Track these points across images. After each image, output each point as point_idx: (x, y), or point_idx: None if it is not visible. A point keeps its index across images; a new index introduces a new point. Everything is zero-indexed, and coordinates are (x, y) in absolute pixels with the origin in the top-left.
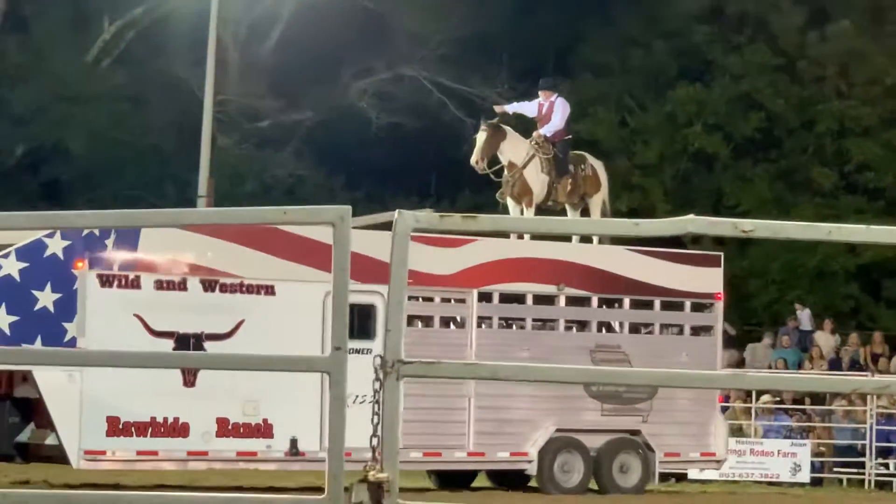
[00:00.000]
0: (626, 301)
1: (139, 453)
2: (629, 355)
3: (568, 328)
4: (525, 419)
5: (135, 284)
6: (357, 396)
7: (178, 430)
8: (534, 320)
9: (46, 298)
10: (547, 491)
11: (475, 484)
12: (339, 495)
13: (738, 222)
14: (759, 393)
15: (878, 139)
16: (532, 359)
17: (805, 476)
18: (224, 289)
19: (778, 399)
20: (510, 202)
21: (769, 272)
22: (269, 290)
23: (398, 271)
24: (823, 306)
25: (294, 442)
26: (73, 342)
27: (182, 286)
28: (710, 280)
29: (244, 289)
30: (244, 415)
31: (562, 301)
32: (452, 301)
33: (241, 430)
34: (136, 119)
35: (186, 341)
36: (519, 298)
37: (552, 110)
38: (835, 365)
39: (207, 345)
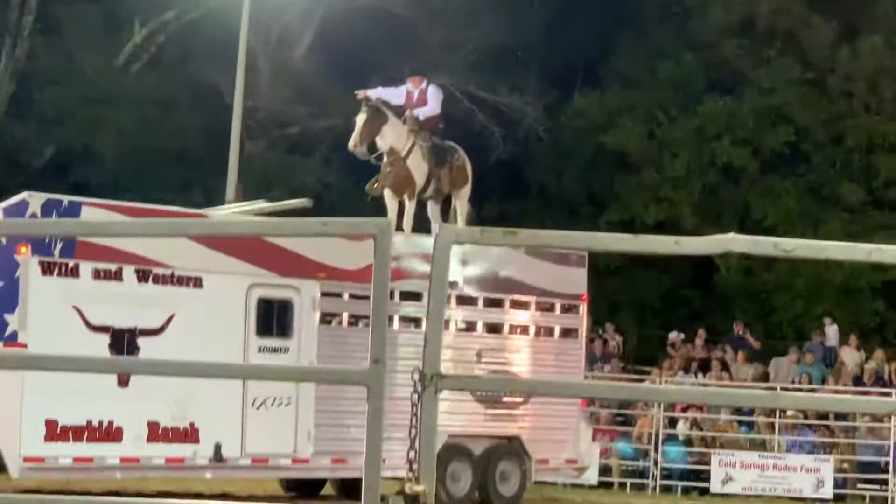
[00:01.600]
0: (508, 302)
1: (76, 460)
2: (509, 359)
3: (458, 329)
4: None
5: (74, 273)
6: (274, 399)
7: (112, 434)
8: None
9: None
10: (440, 501)
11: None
12: None
13: (779, 241)
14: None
15: None
16: None
17: (828, 492)
18: (157, 280)
19: (802, 414)
20: (388, 193)
21: (795, 287)
22: (197, 283)
23: (438, 286)
24: (849, 322)
25: (218, 447)
26: (14, 336)
27: (118, 276)
28: (577, 280)
29: (175, 280)
30: (173, 418)
31: (453, 301)
32: (358, 298)
33: (170, 435)
34: (166, 123)
35: (121, 337)
36: (417, 296)
37: (425, 96)
38: (859, 381)
39: (141, 341)
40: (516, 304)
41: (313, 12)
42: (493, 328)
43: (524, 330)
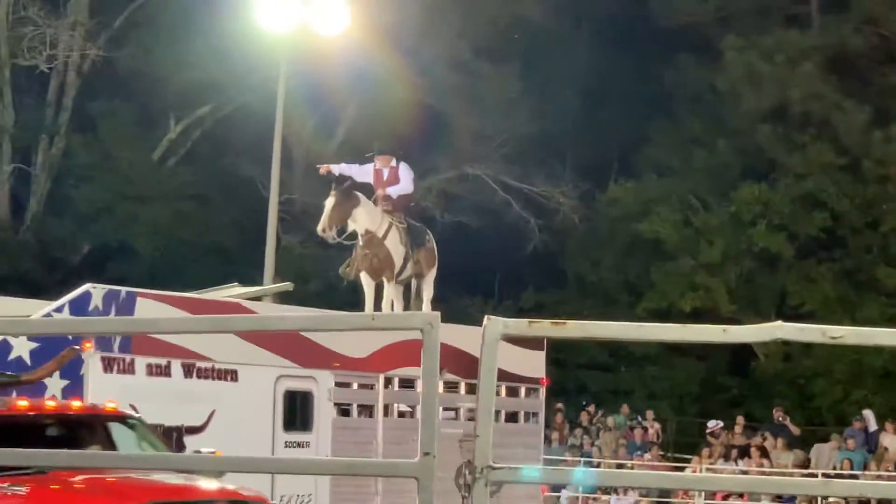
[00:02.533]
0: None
1: None
2: None
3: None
4: None
5: (130, 369)
6: (298, 496)
7: None
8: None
9: (55, 386)
10: None
11: None
12: None
13: (827, 329)
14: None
15: None
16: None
17: None
18: (200, 374)
19: (843, 500)
20: (365, 277)
21: (834, 372)
22: (234, 376)
23: (487, 378)
24: (889, 407)
25: None
26: None
27: (167, 371)
28: (538, 363)
29: (215, 374)
30: None
31: (440, 387)
32: (365, 387)
33: None
34: (201, 217)
35: (170, 435)
36: (410, 384)
37: (397, 174)
38: None
39: (187, 439)
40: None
41: (347, 105)
42: (472, 413)
43: (496, 415)
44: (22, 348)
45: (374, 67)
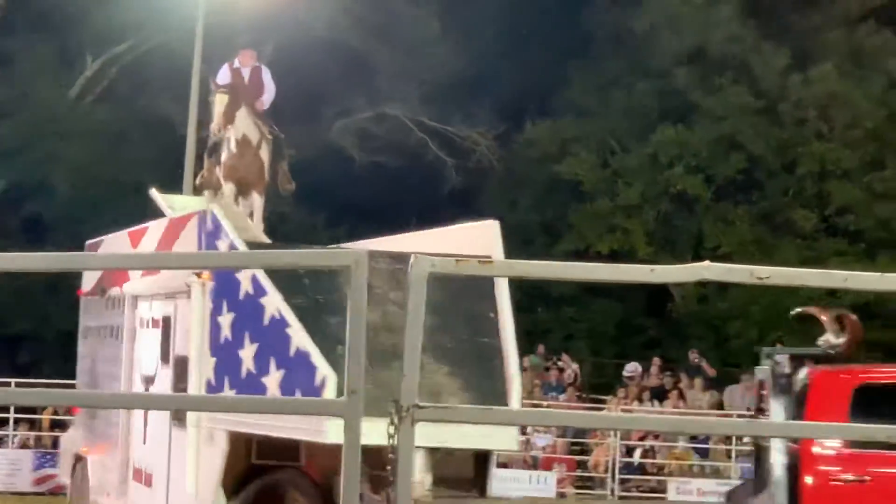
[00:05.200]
0: None
1: None
2: None
3: None
4: None
5: None
6: None
7: None
8: None
9: None
10: None
11: None
12: None
13: (754, 269)
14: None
15: (858, 182)
16: None
17: None
18: None
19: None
20: (230, 188)
21: (750, 314)
22: None
23: (415, 315)
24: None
25: None
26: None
27: None
28: None
29: None
30: None
31: None
32: None
33: None
34: (119, 155)
35: None
36: None
37: (260, 78)
38: None
39: None
40: None
41: (266, 43)
42: None
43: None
44: None
45: (293, 6)
